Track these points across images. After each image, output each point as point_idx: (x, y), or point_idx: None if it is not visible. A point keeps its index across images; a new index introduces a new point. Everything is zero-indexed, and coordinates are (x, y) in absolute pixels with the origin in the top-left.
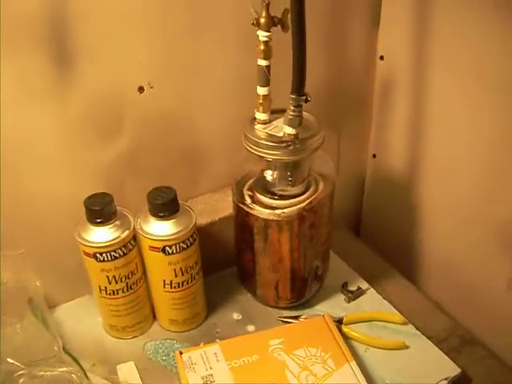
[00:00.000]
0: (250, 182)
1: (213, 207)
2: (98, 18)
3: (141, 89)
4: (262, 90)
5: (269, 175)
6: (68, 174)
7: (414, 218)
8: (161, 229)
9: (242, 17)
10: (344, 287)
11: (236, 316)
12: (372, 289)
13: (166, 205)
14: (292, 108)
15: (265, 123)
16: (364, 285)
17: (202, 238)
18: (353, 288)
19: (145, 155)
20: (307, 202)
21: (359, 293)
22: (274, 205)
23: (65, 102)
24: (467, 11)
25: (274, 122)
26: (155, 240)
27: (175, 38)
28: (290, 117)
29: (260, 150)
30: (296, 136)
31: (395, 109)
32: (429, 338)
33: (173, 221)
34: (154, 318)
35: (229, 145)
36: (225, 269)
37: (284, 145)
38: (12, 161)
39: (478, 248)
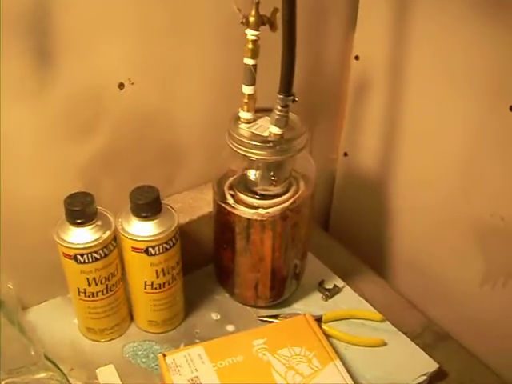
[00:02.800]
0: (231, 180)
1: (190, 206)
2: (79, 10)
3: (121, 85)
4: (247, 89)
5: (252, 174)
6: (43, 172)
7: (384, 216)
8: (144, 229)
9: (224, 15)
10: (321, 285)
11: (214, 316)
12: (347, 286)
13: (148, 205)
14: (279, 108)
15: (249, 122)
16: (340, 282)
17: (180, 238)
18: (329, 286)
19: (122, 153)
20: (290, 201)
21: (336, 291)
22: (257, 204)
23: (42, 97)
24: (446, 14)
25: (258, 121)
26: (138, 241)
27: (155, 35)
28: (277, 117)
29: (245, 149)
30: (281, 136)
31: (369, 108)
32: (404, 334)
33: (156, 221)
34: (132, 319)
35: (208, 143)
36: (201, 268)
37: (270, 145)
38: None
39: (451, 245)
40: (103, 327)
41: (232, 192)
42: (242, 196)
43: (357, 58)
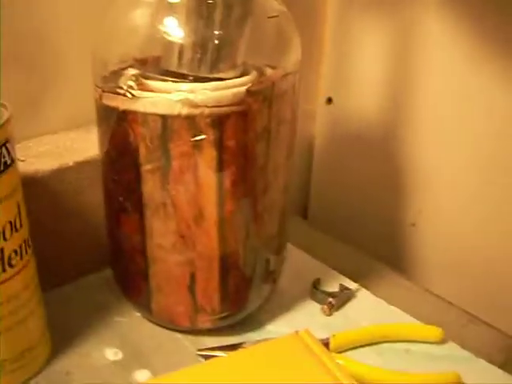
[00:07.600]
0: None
1: (65, 148)
2: None
3: None
4: None
5: (171, 27)
6: None
7: (399, 191)
8: None
9: None
10: (316, 288)
11: (112, 354)
12: (364, 289)
13: None
14: None
15: None
16: (349, 283)
17: (43, 203)
18: (332, 289)
19: None
20: (252, 84)
21: (345, 296)
22: (184, 88)
23: None
24: None
25: None
26: None
27: None
28: None
29: None
30: None
31: (365, 18)
32: None
33: None
34: None
35: None
36: (92, 272)
37: None
38: None
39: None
40: None
41: (134, 75)
42: (152, 84)
43: None
